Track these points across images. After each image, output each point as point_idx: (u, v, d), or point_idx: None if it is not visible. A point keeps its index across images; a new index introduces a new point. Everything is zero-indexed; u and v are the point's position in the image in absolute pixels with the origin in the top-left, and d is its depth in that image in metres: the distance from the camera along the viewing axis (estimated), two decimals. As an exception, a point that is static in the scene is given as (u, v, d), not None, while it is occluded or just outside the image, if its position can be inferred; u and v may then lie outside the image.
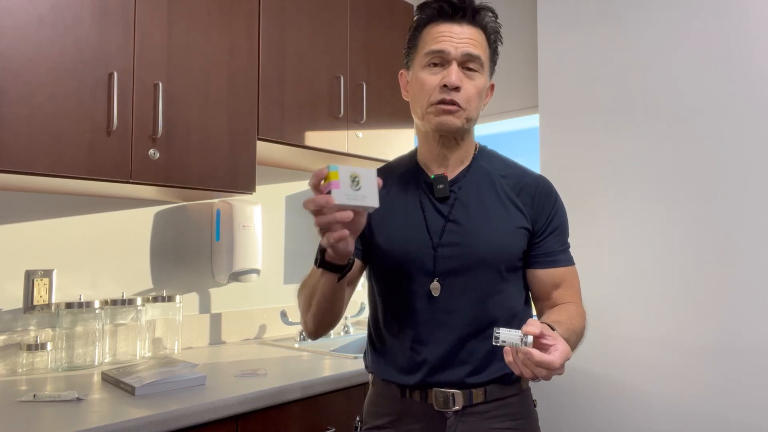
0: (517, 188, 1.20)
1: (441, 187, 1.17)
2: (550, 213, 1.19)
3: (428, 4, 1.15)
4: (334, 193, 0.93)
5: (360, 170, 0.96)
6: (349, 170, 0.94)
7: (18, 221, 1.72)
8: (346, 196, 0.93)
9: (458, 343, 1.13)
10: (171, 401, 1.33)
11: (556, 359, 0.88)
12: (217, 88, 1.77)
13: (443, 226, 1.15)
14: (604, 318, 2.07)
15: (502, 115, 2.66)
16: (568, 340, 1.02)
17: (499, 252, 1.14)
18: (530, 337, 0.89)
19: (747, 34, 1.85)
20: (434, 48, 1.12)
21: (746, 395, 1.79)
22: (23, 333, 1.70)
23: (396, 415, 1.18)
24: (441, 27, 1.13)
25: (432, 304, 1.14)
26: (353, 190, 0.94)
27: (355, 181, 0.95)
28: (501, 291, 1.15)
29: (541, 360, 0.88)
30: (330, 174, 0.93)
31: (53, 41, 1.45)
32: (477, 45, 1.12)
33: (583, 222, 2.15)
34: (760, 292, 1.79)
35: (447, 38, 1.11)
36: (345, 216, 0.93)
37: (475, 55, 1.12)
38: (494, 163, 1.23)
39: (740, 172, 1.84)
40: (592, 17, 2.19)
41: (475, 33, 1.13)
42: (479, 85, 1.13)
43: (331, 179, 0.93)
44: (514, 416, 1.16)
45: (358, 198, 0.95)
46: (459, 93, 1.11)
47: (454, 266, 1.14)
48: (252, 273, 2.14)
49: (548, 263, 1.18)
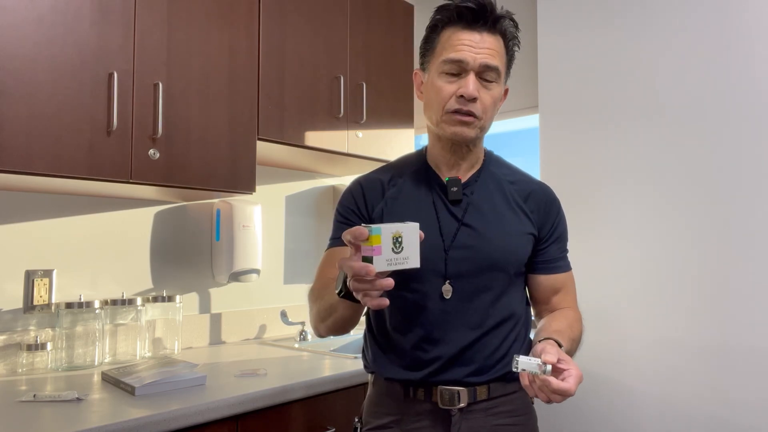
0: (525, 195, 1.21)
1: (455, 189, 1.17)
2: (554, 221, 1.23)
3: (448, 6, 1.13)
4: (376, 261, 0.87)
5: (403, 227, 0.90)
6: (391, 230, 0.89)
7: (18, 221, 1.72)
8: (387, 262, 0.88)
9: (467, 343, 1.14)
10: (171, 401, 1.33)
11: (572, 386, 0.92)
12: (217, 88, 1.77)
13: (457, 229, 1.16)
14: (604, 318, 2.07)
15: (502, 115, 2.66)
16: (570, 351, 1.07)
17: (510, 256, 1.17)
18: (549, 366, 0.92)
19: (747, 33, 1.85)
20: (453, 57, 1.10)
21: (746, 395, 1.79)
22: (23, 333, 1.70)
23: (399, 414, 1.18)
24: (461, 34, 1.11)
25: (443, 305, 1.14)
26: (395, 253, 0.89)
27: (397, 242, 0.89)
28: (507, 294, 1.18)
29: (558, 388, 0.91)
30: (372, 238, 0.87)
31: (53, 41, 1.45)
32: (495, 55, 1.11)
33: (583, 222, 2.15)
34: (761, 293, 1.79)
35: (467, 47, 1.09)
36: (387, 284, 0.88)
37: (494, 66, 1.10)
38: (501, 168, 1.25)
39: (741, 171, 1.84)
40: (592, 17, 2.18)
41: (494, 42, 1.11)
42: (495, 95, 1.13)
43: (373, 244, 0.87)
44: (516, 412, 1.18)
45: (400, 261, 0.90)
46: (475, 104, 1.10)
47: (467, 269, 1.14)
48: (252, 273, 2.14)
49: (550, 269, 1.22)
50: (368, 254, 0.87)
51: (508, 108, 2.63)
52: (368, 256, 0.87)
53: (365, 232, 0.87)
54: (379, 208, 1.20)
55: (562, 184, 2.18)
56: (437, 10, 1.15)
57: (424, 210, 1.18)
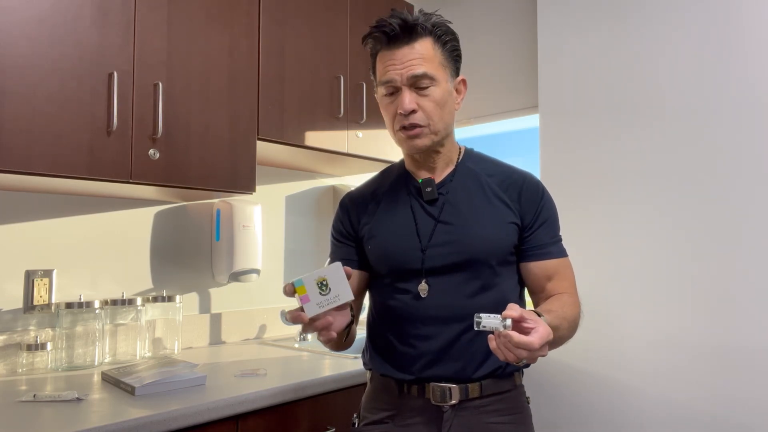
0: (504, 185, 1.23)
1: (429, 189, 1.21)
2: (537, 206, 1.22)
3: (367, 36, 1.19)
4: (306, 308, 0.98)
5: (325, 272, 1.00)
6: (313, 277, 0.99)
7: (18, 221, 1.72)
8: (318, 306, 0.99)
9: (452, 338, 1.16)
10: (171, 401, 1.33)
11: (534, 340, 0.91)
12: (217, 88, 1.77)
13: (434, 227, 1.19)
14: (603, 317, 2.07)
15: (502, 115, 2.66)
16: (559, 327, 1.06)
17: (490, 247, 1.18)
18: (509, 320, 0.92)
19: (746, 33, 1.85)
20: (383, 79, 1.17)
21: (746, 395, 1.79)
22: (23, 333, 1.70)
23: (394, 410, 1.21)
24: (386, 55, 1.17)
25: (421, 302, 1.18)
26: (323, 296, 1.00)
27: (323, 286, 1.00)
28: (494, 285, 1.19)
29: (519, 341, 0.91)
30: (297, 290, 0.99)
31: (53, 41, 1.45)
32: (422, 61, 1.14)
33: (583, 221, 2.15)
34: (761, 292, 1.79)
35: (391, 66, 1.15)
36: (324, 323, 1.00)
37: (420, 73, 1.14)
38: (481, 164, 1.27)
39: (741, 171, 1.84)
40: (592, 17, 2.18)
41: (418, 49, 1.15)
42: (437, 96, 1.16)
43: (301, 294, 0.99)
44: (509, 411, 1.19)
45: (331, 300, 1.00)
46: (417, 114, 1.15)
47: (445, 264, 1.17)
48: (252, 273, 2.14)
49: (540, 255, 1.22)
50: (300, 303, 0.99)
51: (508, 108, 2.63)
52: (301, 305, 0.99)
53: (290, 288, 0.99)
54: (364, 222, 1.27)
55: (562, 184, 2.18)
56: (363, 40, 1.21)
57: (402, 214, 1.23)
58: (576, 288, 1.24)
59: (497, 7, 2.63)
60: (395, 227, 1.22)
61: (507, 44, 2.59)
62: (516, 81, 2.58)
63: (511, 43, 2.58)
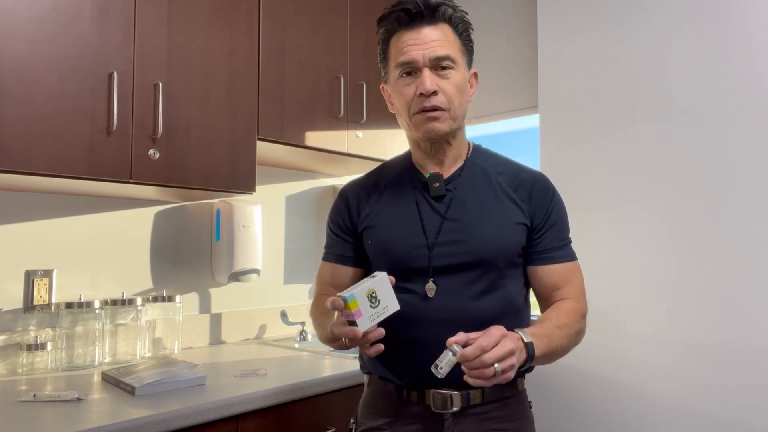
0: (514, 184, 1.19)
1: (437, 185, 1.17)
2: (548, 208, 1.19)
3: (386, 17, 1.15)
4: (360, 322, 0.96)
5: (374, 283, 0.98)
6: (364, 290, 0.97)
7: (18, 221, 1.72)
8: (370, 319, 0.97)
9: None
10: (171, 401, 1.33)
11: (483, 339, 0.92)
12: (217, 88, 1.77)
13: (440, 224, 1.15)
14: (604, 317, 2.07)
15: (502, 115, 2.66)
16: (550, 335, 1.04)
17: (498, 248, 1.13)
18: (455, 345, 0.93)
19: (747, 33, 1.85)
20: (402, 60, 1.12)
21: (746, 395, 1.79)
22: (23, 333, 1.69)
23: (392, 417, 1.17)
24: (404, 36, 1.12)
25: (428, 303, 1.13)
26: (373, 308, 0.98)
27: (373, 299, 0.98)
28: (500, 287, 1.15)
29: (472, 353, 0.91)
30: (349, 305, 0.96)
31: (53, 41, 1.45)
32: (444, 43, 1.11)
33: (583, 221, 2.14)
34: (761, 292, 1.79)
35: (412, 46, 1.11)
36: (376, 335, 0.98)
37: (444, 55, 1.10)
38: (490, 160, 1.23)
39: (741, 171, 1.84)
40: (592, 17, 2.18)
41: (439, 32, 1.12)
42: (457, 81, 1.13)
43: (353, 309, 0.96)
44: (511, 417, 1.16)
45: (380, 312, 0.99)
46: (438, 96, 1.11)
47: (452, 264, 1.13)
48: (252, 273, 2.14)
49: (547, 260, 1.18)
50: (351, 319, 0.96)
51: (508, 108, 2.63)
52: (352, 321, 0.96)
53: (341, 304, 0.96)
54: (365, 214, 1.22)
55: (562, 183, 2.17)
56: (378, 22, 1.17)
57: (407, 209, 1.18)
58: (583, 292, 1.21)
59: (497, 7, 2.63)
60: (399, 221, 1.17)
61: (507, 44, 2.59)
62: (516, 81, 2.58)
63: (511, 43, 2.58)
